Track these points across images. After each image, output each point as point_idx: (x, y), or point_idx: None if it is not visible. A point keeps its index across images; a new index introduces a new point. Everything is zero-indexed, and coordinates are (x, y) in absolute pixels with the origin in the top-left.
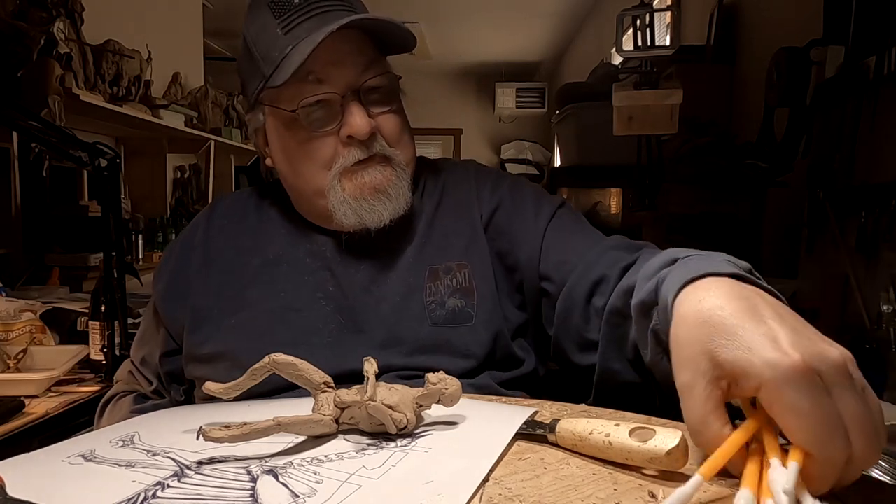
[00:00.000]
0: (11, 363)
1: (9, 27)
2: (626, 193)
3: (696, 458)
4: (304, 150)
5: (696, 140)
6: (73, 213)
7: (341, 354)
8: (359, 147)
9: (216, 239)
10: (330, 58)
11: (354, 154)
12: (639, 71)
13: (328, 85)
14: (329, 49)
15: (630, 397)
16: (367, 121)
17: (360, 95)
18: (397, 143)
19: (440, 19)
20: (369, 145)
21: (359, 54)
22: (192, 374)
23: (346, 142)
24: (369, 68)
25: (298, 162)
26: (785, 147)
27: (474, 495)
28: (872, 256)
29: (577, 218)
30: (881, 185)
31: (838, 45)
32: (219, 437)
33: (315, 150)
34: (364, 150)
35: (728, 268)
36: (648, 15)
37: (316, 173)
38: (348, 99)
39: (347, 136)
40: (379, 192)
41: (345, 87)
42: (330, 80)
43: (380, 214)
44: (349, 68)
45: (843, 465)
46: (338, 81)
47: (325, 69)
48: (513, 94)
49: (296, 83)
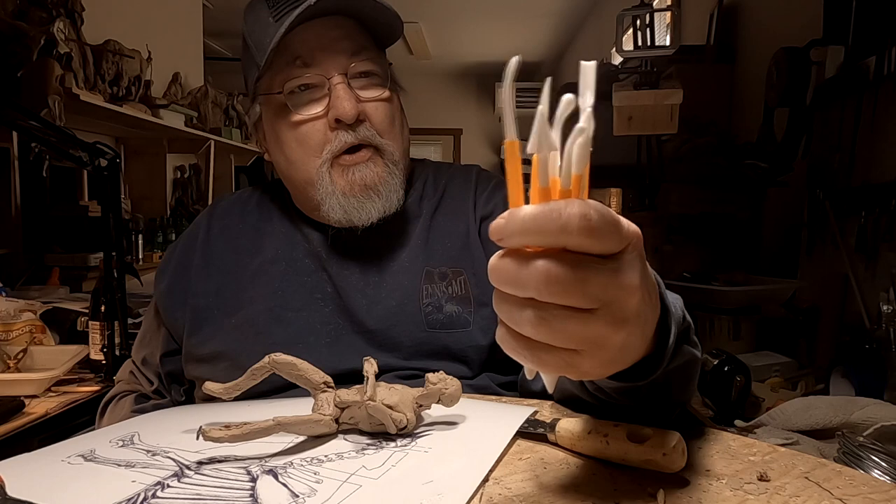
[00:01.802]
0: (11, 363)
1: (9, 27)
2: (626, 193)
3: (694, 458)
4: (294, 136)
5: (696, 140)
6: (73, 213)
7: (340, 354)
8: (346, 131)
9: (216, 239)
10: (318, 43)
11: (342, 138)
12: (639, 71)
13: (315, 68)
14: (317, 34)
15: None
16: (354, 104)
17: (347, 79)
18: (387, 134)
19: (440, 19)
20: (357, 130)
21: (347, 40)
22: (192, 375)
23: (334, 126)
24: (358, 53)
25: (290, 149)
26: (785, 147)
27: (474, 495)
28: (872, 256)
29: None
30: (881, 185)
31: (838, 45)
32: (219, 437)
33: (304, 136)
34: (352, 134)
35: None
36: (648, 15)
37: (307, 160)
38: (335, 82)
39: (335, 120)
40: (369, 189)
41: (332, 70)
42: (317, 63)
43: (368, 212)
44: (337, 53)
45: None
46: (325, 65)
47: (313, 53)
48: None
49: (285, 68)
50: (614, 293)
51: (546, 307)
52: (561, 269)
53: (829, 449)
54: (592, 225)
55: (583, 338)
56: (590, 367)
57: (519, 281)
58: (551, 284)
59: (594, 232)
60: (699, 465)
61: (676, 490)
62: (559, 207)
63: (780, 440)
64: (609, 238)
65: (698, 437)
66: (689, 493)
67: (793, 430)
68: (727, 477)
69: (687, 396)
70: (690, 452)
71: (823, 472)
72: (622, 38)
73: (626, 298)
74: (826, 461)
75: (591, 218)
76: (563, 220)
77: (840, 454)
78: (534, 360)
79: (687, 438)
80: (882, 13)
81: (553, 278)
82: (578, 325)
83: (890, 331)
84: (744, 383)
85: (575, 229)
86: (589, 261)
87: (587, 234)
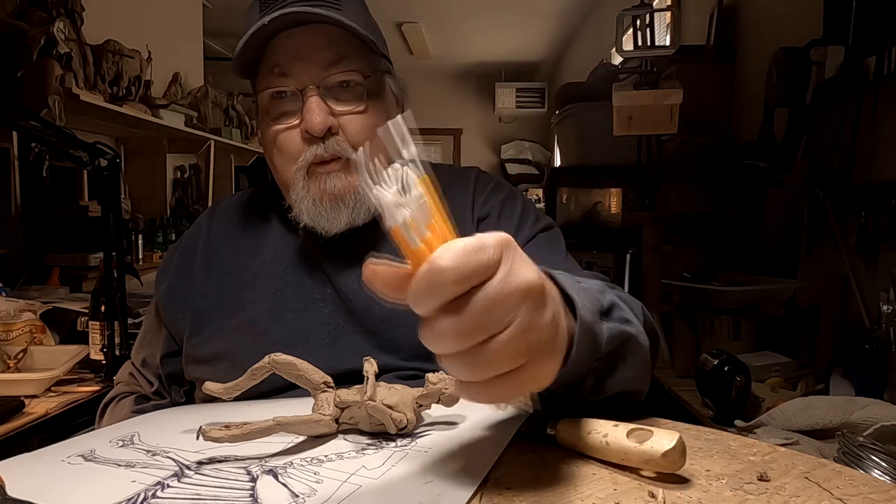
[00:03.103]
0: (11, 363)
1: (9, 27)
2: (626, 193)
3: (693, 458)
4: (274, 142)
5: (696, 140)
6: (73, 213)
7: (339, 354)
8: (316, 144)
9: (217, 241)
10: (296, 52)
11: (313, 150)
12: (639, 71)
13: (291, 79)
14: (297, 43)
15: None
16: (324, 118)
17: (321, 91)
18: (362, 146)
19: (440, 19)
20: (327, 143)
21: (327, 49)
22: (192, 376)
23: (306, 137)
24: (336, 63)
25: (271, 153)
26: (785, 147)
27: (474, 495)
28: (872, 256)
29: (556, 247)
30: (881, 185)
31: (838, 45)
32: (219, 437)
33: (282, 143)
34: (322, 147)
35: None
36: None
37: (285, 165)
38: (307, 94)
39: (305, 132)
40: (337, 199)
41: (306, 81)
42: (293, 73)
43: (333, 222)
44: (312, 63)
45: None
46: (300, 76)
47: (290, 63)
48: (513, 94)
49: (266, 76)
50: (510, 293)
51: (473, 351)
52: (456, 321)
53: (829, 449)
54: (461, 269)
55: (518, 344)
56: (543, 364)
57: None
58: (459, 336)
59: (462, 272)
60: (699, 465)
61: (676, 490)
62: (425, 277)
63: (780, 440)
64: (480, 264)
65: (698, 437)
66: (689, 493)
67: (793, 430)
68: (727, 477)
69: (638, 374)
70: (690, 452)
71: (823, 472)
72: (622, 38)
73: (524, 286)
74: (826, 461)
75: (457, 264)
76: (438, 283)
77: (840, 454)
78: (500, 394)
79: (687, 438)
80: (882, 13)
81: (456, 331)
82: (507, 337)
83: (890, 331)
84: (744, 383)
85: (449, 282)
86: (473, 295)
87: (461, 280)
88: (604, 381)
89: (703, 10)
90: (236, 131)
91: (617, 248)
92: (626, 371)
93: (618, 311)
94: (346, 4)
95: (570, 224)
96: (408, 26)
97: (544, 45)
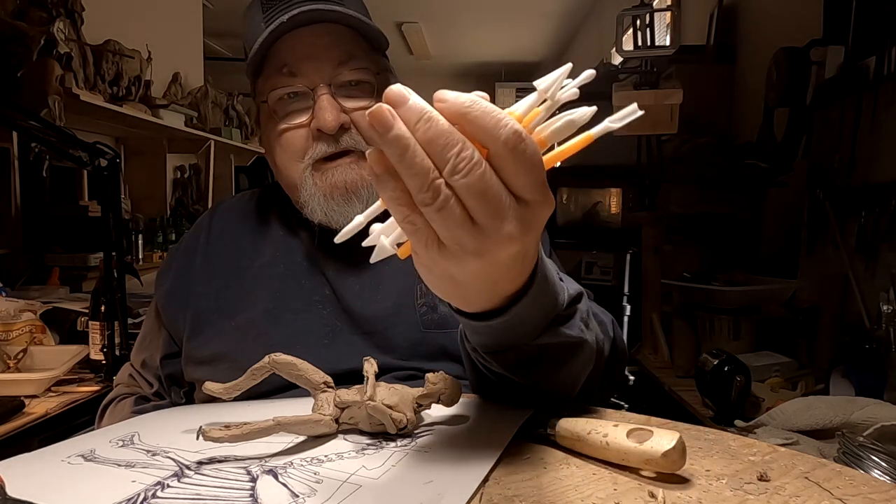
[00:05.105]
0: (11, 363)
1: (9, 27)
2: (626, 193)
3: (693, 458)
4: (279, 141)
5: (696, 140)
6: (73, 213)
7: (338, 354)
8: (326, 141)
9: (217, 242)
10: (305, 51)
11: (322, 147)
12: (639, 71)
13: (300, 78)
14: (305, 42)
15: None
16: (337, 115)
17: (332, 89)
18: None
19: (440, 19)
20: (338, 139)
21: (335, 48)
22: (192, 377)
23: (316, 135)
24: (346, 62)
25: (276, 153)
26: (785, 147)
27: (474, 495)
28: (872, 256)
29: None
30: (881, 185)
31: (838, 45)
32: (219, 437)
33: (288, 142)
34: (332, 143)
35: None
36: (648, 15)
37: (290, 165)
38: (319, 92)
39: (317, 130)
40: (350, 192)
41: (317, 80)
42: (302, 73)
43: (348, 216)
44: (323, 62)
45: None
46: (310, 75)
47: (299, 62)
48: (513, 94)
49: (273, 76)
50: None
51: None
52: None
53: (829, 449)
54: (519, 146)
55: (497, 193)
56: (505, 243)
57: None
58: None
59: (516, 151)
60: (699, 465)
61: (676, 490)
62: (505, 114)
63: (780, 440)
64: (526, 167)
65: (698, 437)
66: (689, 493)
67: (793, 430)
68: (727, 477)
69: (569, 378)
70: (690, 452)
71: (823, 472)
72: (622, 38)
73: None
74: (826, 461)
75: (524, 141)
76: (502, 122)
77: (840, 454)
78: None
79: (687, 438)
80: (882, 13)
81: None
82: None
83: (890, 331)
84: (744, 383)
85: (503, 136)
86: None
87: (510, 148)
88: (535, 369)
89: (703, 10)
90: (236, 131)
91: (617, 248)
92: (559, 371)
93: (581, 321)
94: (348, 4)
95: (570, 224)
96: (408, 26)
97: (544, 45)
